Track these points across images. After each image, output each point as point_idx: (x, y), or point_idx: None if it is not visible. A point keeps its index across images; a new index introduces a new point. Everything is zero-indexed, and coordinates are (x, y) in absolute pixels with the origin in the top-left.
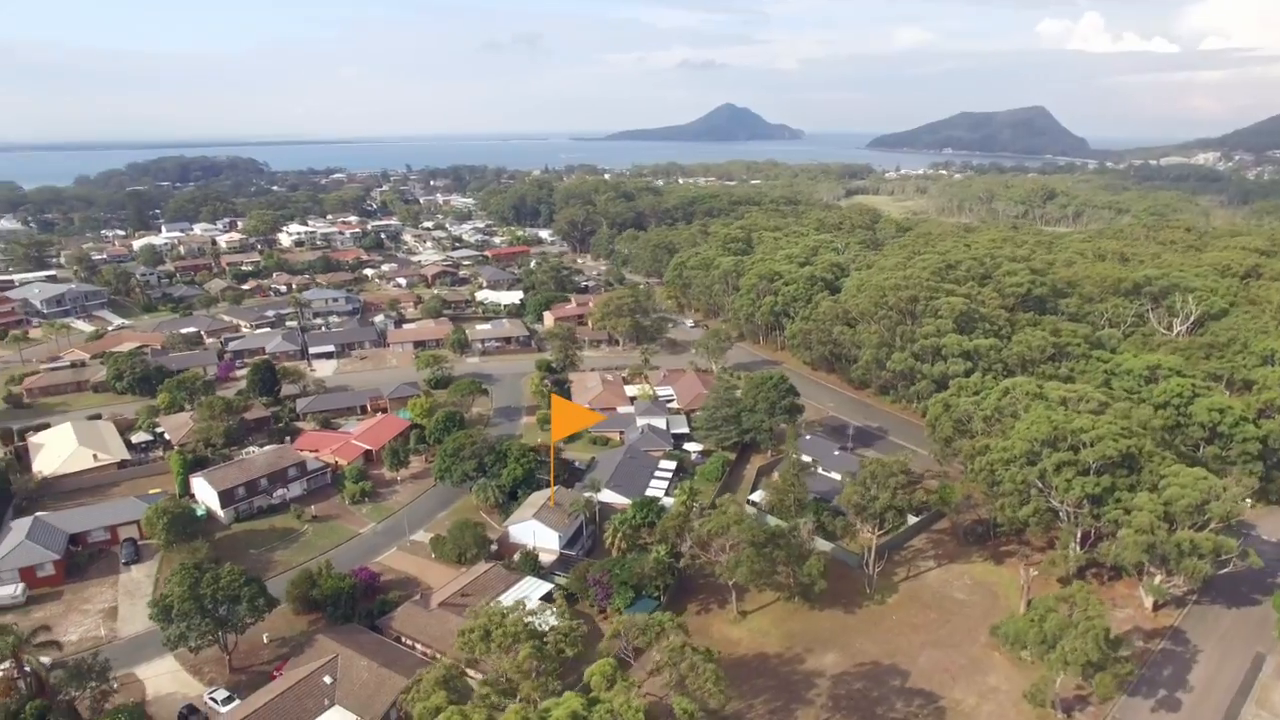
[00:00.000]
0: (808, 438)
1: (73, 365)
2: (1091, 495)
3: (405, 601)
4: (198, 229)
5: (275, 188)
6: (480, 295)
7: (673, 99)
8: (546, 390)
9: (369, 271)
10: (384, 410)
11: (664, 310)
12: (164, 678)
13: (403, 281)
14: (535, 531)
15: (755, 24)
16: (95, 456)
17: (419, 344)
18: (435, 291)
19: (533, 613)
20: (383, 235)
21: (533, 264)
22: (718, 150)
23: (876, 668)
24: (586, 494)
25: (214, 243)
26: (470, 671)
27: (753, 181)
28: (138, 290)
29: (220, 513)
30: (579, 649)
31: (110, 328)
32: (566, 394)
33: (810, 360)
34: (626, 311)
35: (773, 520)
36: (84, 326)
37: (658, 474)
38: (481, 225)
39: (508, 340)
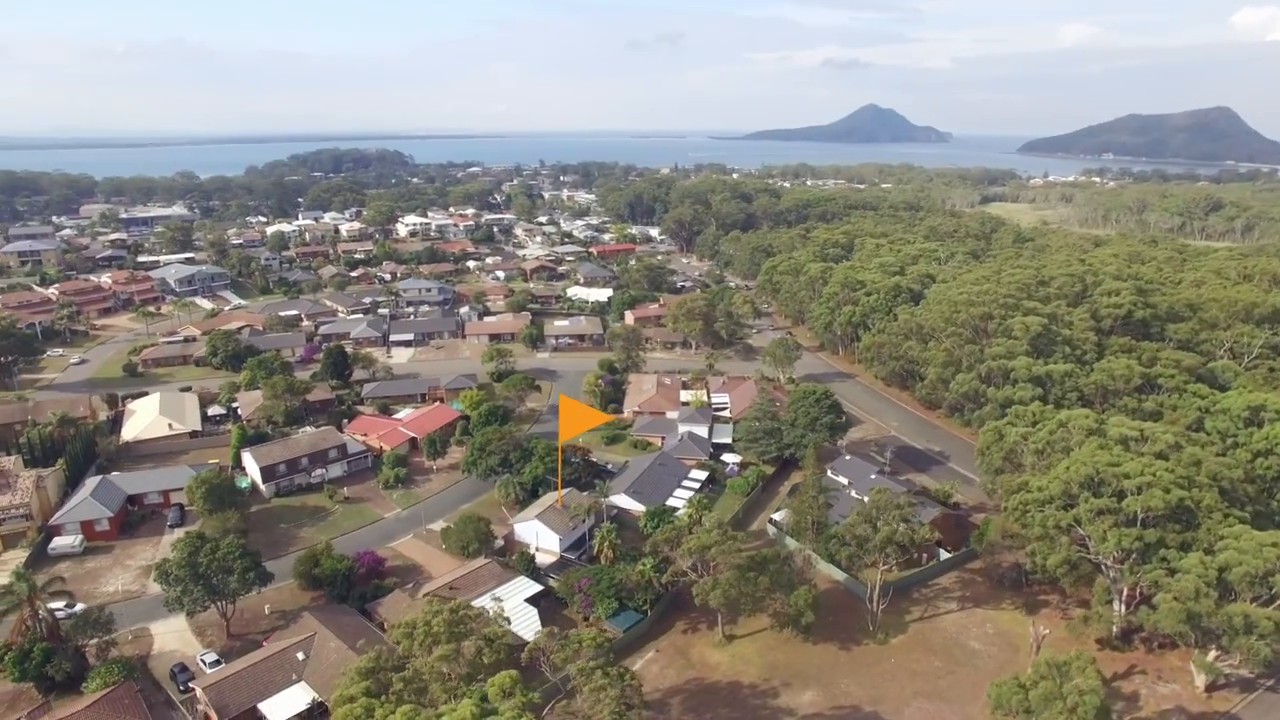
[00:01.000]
0: (846, 457)
1: (185, 340)
2: (1134, 550)
3: (397, 589)
4: (327, 217)
5: (414, 179)
6: (571, 291)
7: (814, 99)
8: (598, 390)
9: (472, 264)
10: (440, 400)
11: (741, 315)
12: (171, 636)
13: (501, 275)
14: (538, 532)
15: (908, 22)
16: (170, 426)
17: (494, 337)
18: (529, 286)
19: (475, 615)
20: (495, 229)
21: (631, 262)
22: (857, 152)
23: (855, 713)
24: (596, 498)
25: (336, 231)
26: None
27: (883, 185)
28: (257, 274)
29: (262, 486)
30: (499, 655)
31: (227, 307)
32: (621, 395)
33: (884, 375)
34: (699, 315)
35: (791, 542)
36: (206, 305)
37: (685, 483)
38: (595, 221)
39: (581, 338)
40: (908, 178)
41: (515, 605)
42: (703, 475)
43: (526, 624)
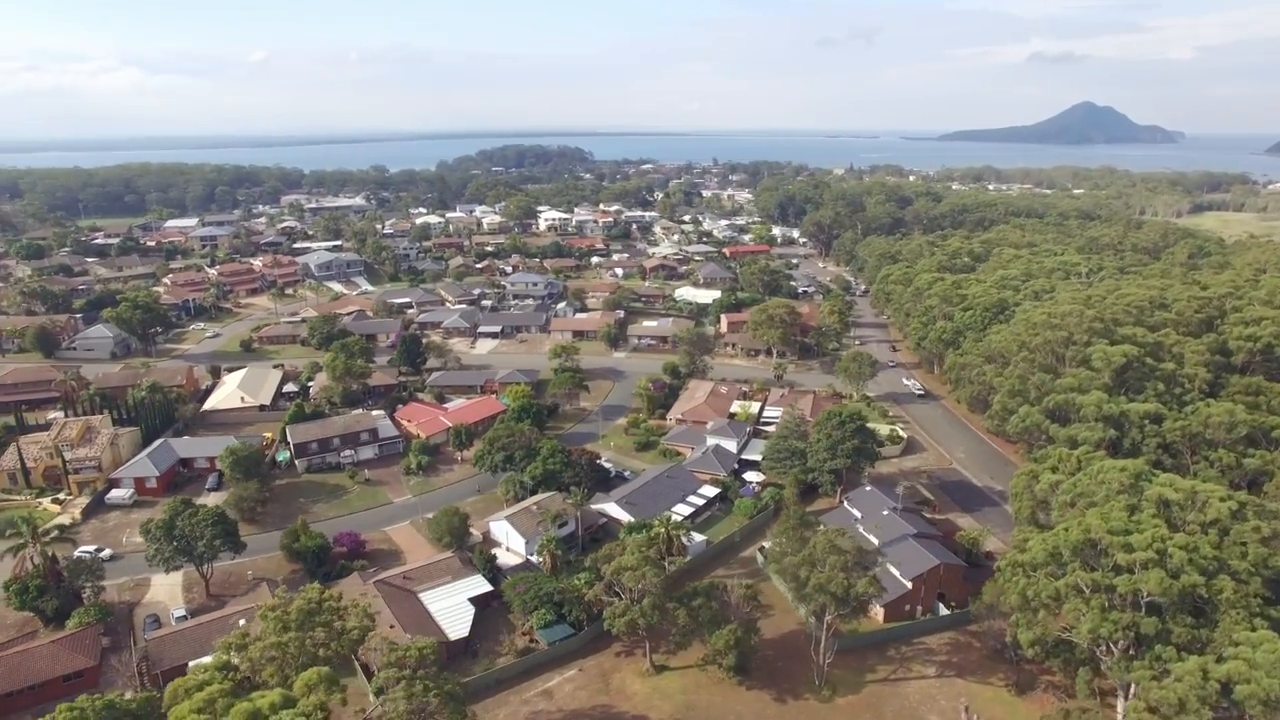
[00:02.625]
0: (866, 488)
1: (301, 321)
2: (1118, 640)
3: (359, 571)
4: (478, 210)
5: (585, 175)
6: (680, 292)
7: (1018, 96)
8: (646, 394)
9: (596, 259)
10: (494, 393)
11: (829, 325)
12: (164, 589)
13: (620, 272)
14: (507, 532)
15: (1141, 8)
16: (242, 399)
17: (578, 334)
18: (645, 284)
19: (338, 607)
20: (634, 225)
21: (763, 264)
22: (1062, 155)
23: None
24: (570, 503)
25: (479, 224)
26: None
27: (1075, 191)
28: (387, 262)
29: (296, 462)
30: (343, 649)
31: (355, 292)
32: (673, 399)
33: (966, 400)
34: (779, 323)
35: (774, 575)
36: (338, 289)
37: (690, 499)
38: (742, 221)
39: (664, 339)
40: (1106, 182)
41: (456, 603)
42: (712, 492)
43: (458, 623)
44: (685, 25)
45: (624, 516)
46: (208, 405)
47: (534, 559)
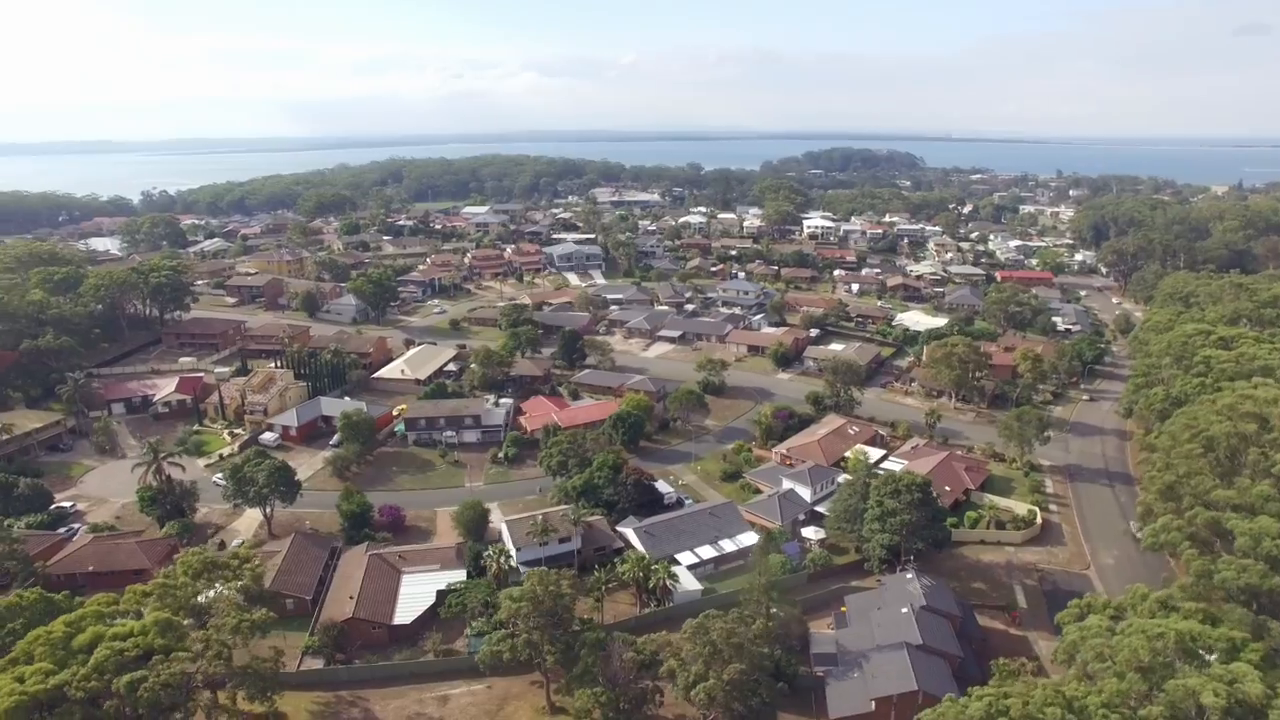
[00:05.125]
0: (908, 575)
1: (516, 306)
2: None
3: (371, 540)
4: (752, 212)
5: (904, 183)
6: (901, 317)
7: None
8: (763, 422)
9: (839, 272)
10: (620, 397)
11: (1027, 373)
12: (245, 522)
13: (855, 288)
14: (506, 536)
15: None
16: (403, 371)
17: (753, 348)
18: (881, 303)
19: (236, 564)
20: (905, 239)
21: (1009, 293)
22: None
23: None
24: (572, 518)
25: (741, 225)
26: None
27: None
28: (624, 257)
29: (408, 434)
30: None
31: (586, 284)
32: (796, 429)
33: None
34: (956, 364)
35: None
36: (574, 279)
37: (722, 542)
38: (1046, 243)
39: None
40: None
41: (423, 591)
42: (750, 540)
43: (410, 609)
44: (1060, 19)
45: (639, 545)
46: (378, 374)
47: (522, 568)
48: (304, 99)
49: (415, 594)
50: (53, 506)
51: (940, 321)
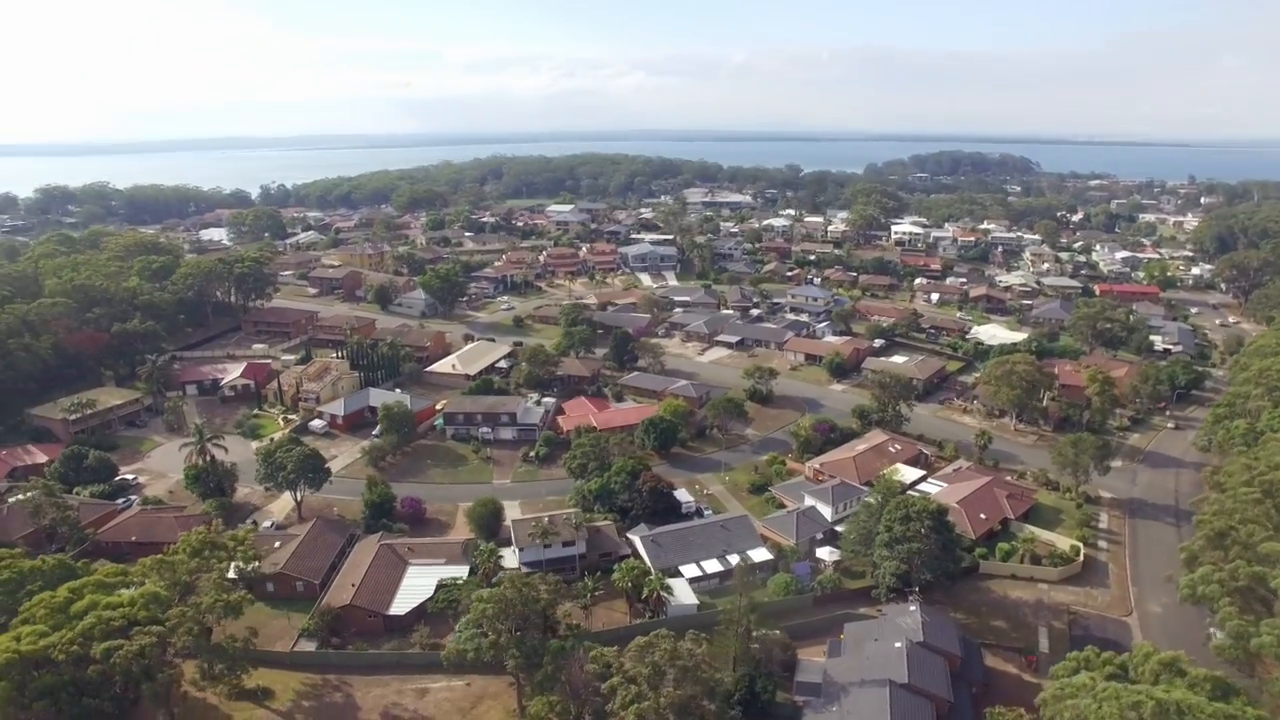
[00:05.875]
0: (912, 607)
1: (576, 305)
2: None
3: (385, 531)
4: (840, 216)
5: (1013, 188)
6: (977, 330)
7: None
8: (801, 434)
9: (920, 280)
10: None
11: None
12: (280, 504)
13: (934, 297)
14: (512, 536)
15: None
16: (453, 367)
17: (810, 357)
18: (961, 314)
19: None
20: (999, 248)
21: (1098, 308)
22: None
23: None
24: (573, 522)
25: (826, 228)
26: None
27: None
28: (696, 259)
29: (446, 429)
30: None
31: (657, 284)
32: (836, 443)
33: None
34: (1017, 382)
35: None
36: (646, 280)
37: (730, 556)
38: (1157, 256)
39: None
40: None
41: (423, 584)
42: (763, 556)
43: (407, 600)
44: (1215, 13)
45: (644, 554)
46: (430, 368)
47: (523, 568)
48: (424, 98)
49: (416, 586)
50: (116, 478)
51: (1019, 336)
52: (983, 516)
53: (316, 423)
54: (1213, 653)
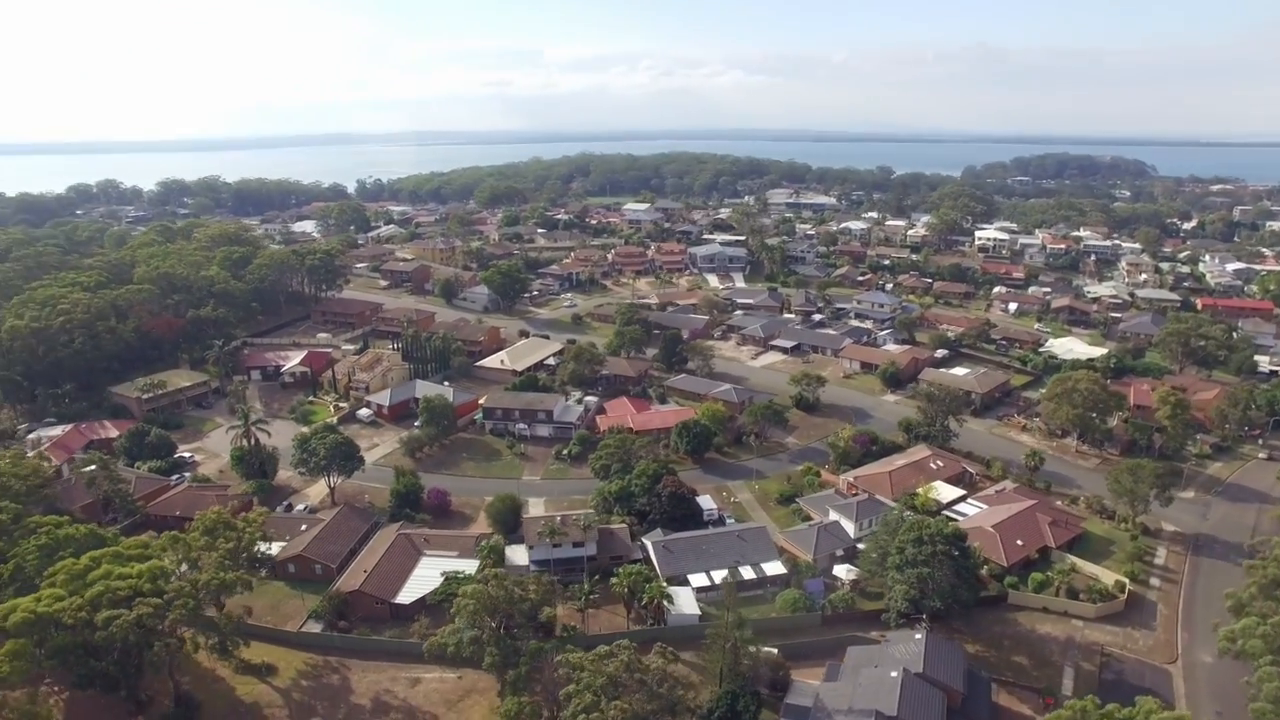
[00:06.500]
0: (917, 635)
1: (632, 305)
2: None
3: (406, 520)
4: (923, 220)
5: (1122, 193)
6: (1053, 343)
7: None
8: (838, 445)
9: (999, 289)
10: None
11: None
12: (317, 488)
13: (1012, 307)
14: (525, 534)
15: None
16: (502, 362)
17: (867, 365)
18: (1039, 326)
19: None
20: (1092, 256)
21: (1189, 323)
22: None
23: None
24: (584, 524)
25: (905, 235)
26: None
27: None
28: (765, 261)
29: (485, 423)
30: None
31: (724, 285)
32: (876, 456)
33: None
34: (1079, 401)
35: None
36: (713, 281)
37: (742, 568)
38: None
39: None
40: None
41: (431, 574)
42: (777, 570)
43: (414, 590)
44: None
45: (655, 560)
46: (480, 362)
47: (532, 566)
48: (525, 96)
49: (425, 577)
50: (174, 455)
51: (1098, 351)
52: (1019, 543)
53: (363, 411)
54: (1252, 716)
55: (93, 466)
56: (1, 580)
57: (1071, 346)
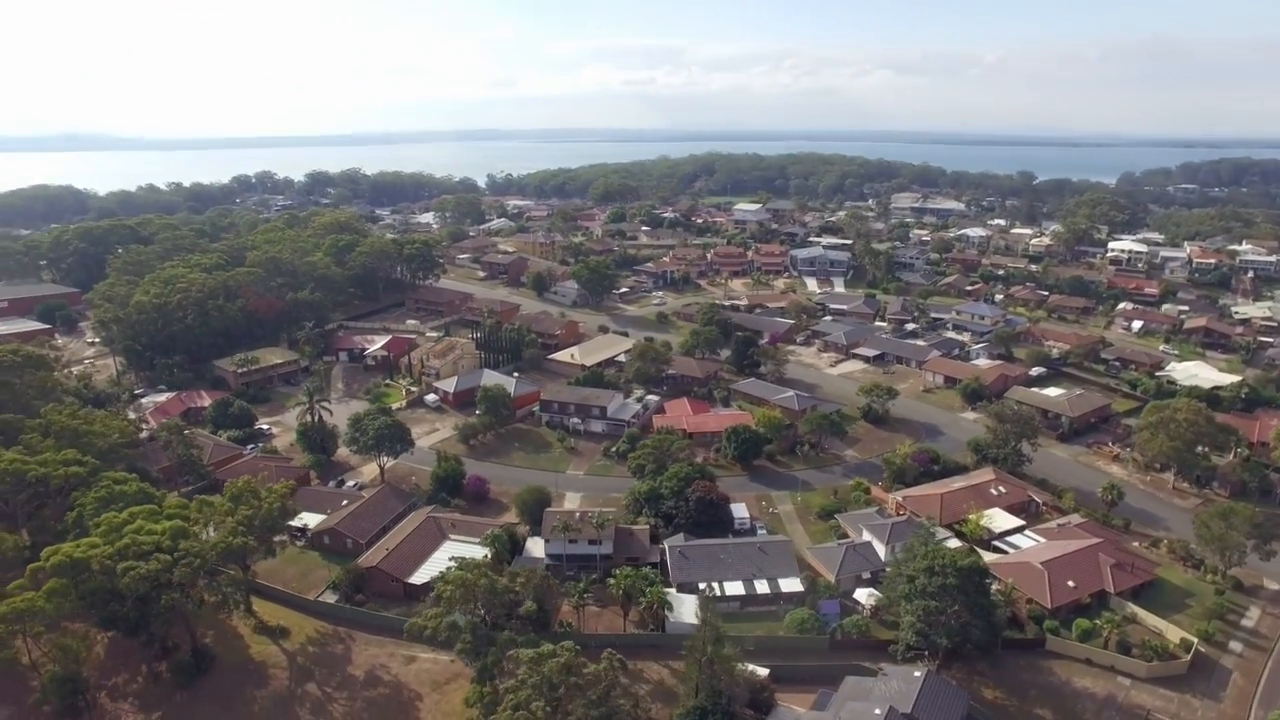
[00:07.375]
0: (916, 673)
1: (713, 305)
2: None
3: (438, 504)
4: (1051, 229)
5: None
6: (1177, 366)
7: None
8: (894, 462)
9: (1125, 305)
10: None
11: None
12: (370, 467)
13: (1137, 325)
14: (543, 528)
15: None
16: (572, 356)
17: (950, 379)
18: (1166, 347)
19: (263, 497)
20: (1247, 272)
21: None
22: None
23: None
24: (599, 523)
25: (1028, 244)
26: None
27: None
28: (869, 267)
29: (542, 415)
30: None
31: (821, 290)
32: (936, 476)
33: None
34: (1176, 433)
35: None
36: (811, 284)
37: (757, 581)
38: None
39: (1044, 413)
40: None
41: (443, 559)
42: (794, 587)
43: (427, 572)
44: None
45: (670, 565)
46: (553, 355)
47: (548, 561)
48: (669, 94)
49: (442, 560)
50: (254, 427)
51: (1230, 378)
52: (1070, 584)
53: (430, 397)
54: None
55: (166, 432)
56: (66, 526)
57: (1196, 371)
